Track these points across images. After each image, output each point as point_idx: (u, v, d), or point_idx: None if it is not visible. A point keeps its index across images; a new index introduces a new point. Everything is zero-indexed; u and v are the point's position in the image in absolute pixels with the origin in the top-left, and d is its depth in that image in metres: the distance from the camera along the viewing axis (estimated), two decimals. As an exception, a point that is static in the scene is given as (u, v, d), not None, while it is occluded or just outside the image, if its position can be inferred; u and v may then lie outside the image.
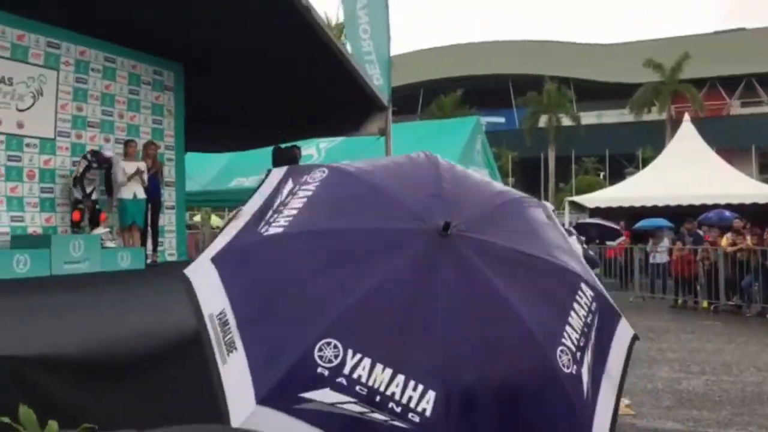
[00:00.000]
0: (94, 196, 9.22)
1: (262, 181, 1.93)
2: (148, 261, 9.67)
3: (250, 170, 13.50)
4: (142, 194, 9.56)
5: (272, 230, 1.64)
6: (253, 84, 10.49)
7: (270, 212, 1.71)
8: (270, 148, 11.93)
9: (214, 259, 1.66)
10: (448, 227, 1.59)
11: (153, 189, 9.88)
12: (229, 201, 15.54)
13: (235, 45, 9.61)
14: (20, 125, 8.79)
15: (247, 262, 1.64)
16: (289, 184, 1.79)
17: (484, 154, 14.17)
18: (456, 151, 12.53)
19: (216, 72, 10.52)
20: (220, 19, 9.09)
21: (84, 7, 8.97)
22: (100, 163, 9.26)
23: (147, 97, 10.68)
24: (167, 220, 10.85)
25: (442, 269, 1.55)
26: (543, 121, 45.00)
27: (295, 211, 1.66)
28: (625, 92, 44.91)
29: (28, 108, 8.87)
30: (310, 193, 1.72)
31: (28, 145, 8.90)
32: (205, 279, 1.64)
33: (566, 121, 44.79)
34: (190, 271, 1.69)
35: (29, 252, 7.92)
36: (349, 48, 11.07)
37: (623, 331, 1.79)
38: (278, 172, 1.92)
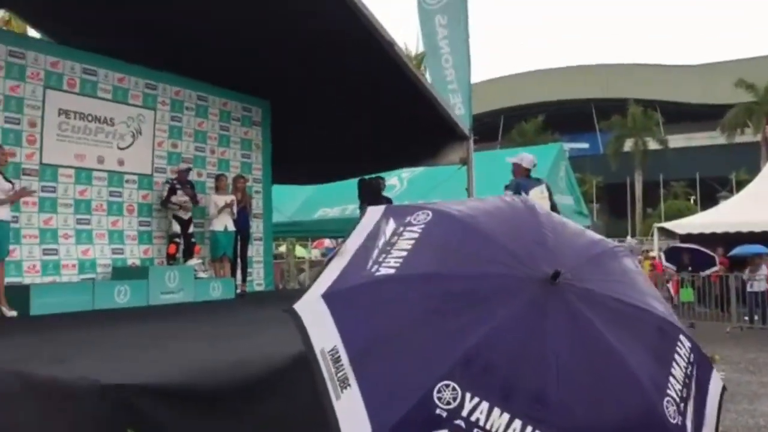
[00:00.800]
0: (190, 230, 9.60)
1: (359, 218, 1.99)
2: (238, 291, 9.99)
3: (333, 201, 13.76)
4: (231, 226, 9.91)
5: (383, 271, 1.67)
6: (337, 117, 10.74)
7: (377, 251, 1.75)
8: (352, 179, 12.14)
9: (325, 296, 1.70)
10: (557, 276, 1.61)
11: (242, 221, 10.22)
12: (313, 231, 15.89)
13: (319, 80, 9.90)
14: (121, 162, 9.32)
15: (358, 300, 1.67)
16: (392, 224, 1.83)
17: (567, 181, 13.94)
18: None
19: (301, 107, 10.85)
20: (306, 56, 9.40)
21: (178, 50, 9.47)
22: (183, 183, 9.63)
23: (236, 132, 11.11)
24: (255, 251, 11.18)
25: (552, 317, 1.57)
26: (628, 145, 43.85)
27: (404, 253, 1.69)
28: (714, 114, 43.29)
29: (128, 146, 9.40)
30: (416, 235, 1.75)
31: (127, 181, 9.41)
32: (315, 315, 1.68)
33: (653, 145, 43.50)
34: (299, 307, 1.74)
35: (129, 283, 8.34)
36: (429, 77, 11.20)
37: (716, 383, 1.81)
38: (376, 211, 1.96)
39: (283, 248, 21.81)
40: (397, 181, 13.23)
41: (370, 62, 9.14)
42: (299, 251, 22.06)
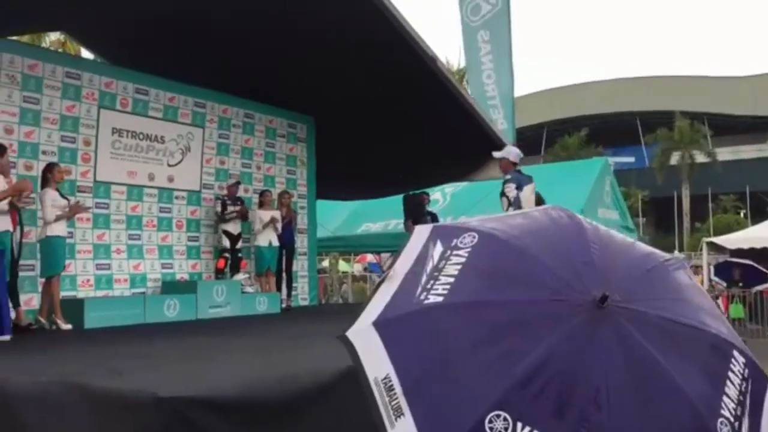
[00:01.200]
0: (238, 245, 9.78)
1: (407, 237, 1.98)
2: (283, 305, 10.11)
3: (376, 216, 13.83)
4: (276, 241, 10.05)
5: (432, 299, 1.69)
6: (381, 133, 10.83)
7: (425, 277, 1.76)
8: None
9: (376, 324, 1.72)
10: (605, 299, 1.60)
11: (287, 236, 10.36)
12: (357, 246, 15.96)
13: (363, 96, 10.02)
14: (170, 179, 9.56)
15: (408, 329, 1.69)
16: (439, 247, 1.84)
17: (613, 195, 13.77)
18: (584, 193, 12.27)
19: (345, 123, 10.97)
20: (349, 72, 9.53)
21: (225, 69, 9.70)
22: (233, 199, 9.81)
23: (282, 149, 11.30)
24: (299, 265, 11.31)
25: (601, 341, 1.57)
26: (675, 158, 43.01)
27: (451, 279, 1.71)
28: (763, 126, 42.24)
29: (177, 163, 9.64)
30: (463, 259, 1.76)
31: (177, 197, 9.64)
32: (367, 343, 1.70)
33: (700, 158, 42.59)
34: (352, 335, 1.76)
35: (178, 297, 8.53)
36: (470, 92, 11.25)
37: None
38: (424, 231, 1.96)
39: (326, 263, 21.98)
40: (440, 196, 13.24)
41: (413, 78, 9.22)
42: (342, 266, 22.18)
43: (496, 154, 8.31)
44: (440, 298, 1.68)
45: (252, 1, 8.37)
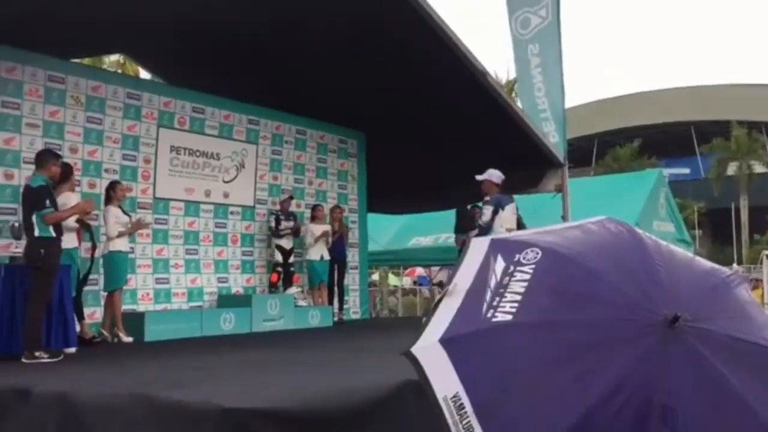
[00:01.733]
0: (291, 259, 9.93)
1: (464, 251, 1.97)
2: (335, 319, 10.20)
3: (426, 230, 13.86)
4: (327, 255, 10.17)
5: (499, 317, 1.68)
6: (431, 147, 10.86)
7: (489, 293, 1.75)
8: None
9: (443, 342, 1.71)
10: (676, 319, 1.58)
11: (339, 250, 10.48)
12: (407, 260, 16.01)
13: (413, 111, 10.08)
14: (225, 195, 9.78)
15: (476, 347, 1.69)
16: (501, 262, 1.82)
17: (668, 207, 13.52)
18: (637, 206, 12.09)
19: (395, 137, 11.04)
20: (399, 88, 9.61)
21: (278, 86, 9.91)
22: (286, 214, 9.96)
23: (333, 164, 11.45)
24: (351, 279, 11.40)
25: (673, 363, 1.56)
26: (732, 168, 41.87)
27: (518, 297, 1.70)
28: (827, 134, 40.79)
29: (232, 179, 9.86)
30: (528, 276, 1.74)
31: (231, 212, 9.86)
32: (435, 360, 1.69)
33: (759, 168, 41.37)
34: (418, 352, 1.74)
35: (234, 310, 8.71)
36: (520, 105, 11.20)
37: None
38: (481, 244, 1.94)
39: (375, 276, 22.05)
40: (491, 210, 13.17)
41: (463, 92, 9.25)
42: (392, 279, 22.23)
43: (479, 177, 8.39)
44: (509, 317, 1.67)
45: (304, 22, 8.53)
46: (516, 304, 1.69)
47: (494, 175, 8.10)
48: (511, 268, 1.79)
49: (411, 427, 3.76)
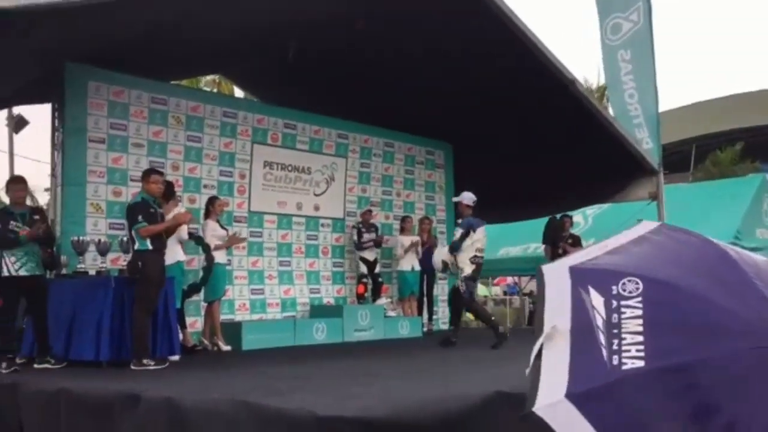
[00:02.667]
0: (377, 270, 10.08)
1: (541, 284, 1.84)
2: (425, 329, 10.26)
3: (515, 240, 13.72)
4: (418, 266, 10.26)
5: (629, 363, 1.56)
6: (520, 157, 10.79)
7: (602, 335, 1.64)
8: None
9: (572, 397, 1.56)
10: None
11: (428, 261, 10.53)
12: (497, 270, 15.88)
13: (501, 121, 10.06)
14: (316, 208, 10.05)
15: (615, 401, 1.56)
16: (597, 296, 1.70)
17: (773, 215, 12.84)
18: (738, 213, 11.55)
19: (483, 148, 11.04)
20: (486, 98, 9.61)
21: (366, 101, 10.11)
22: (368, 226, 10.11)
23: (420, 175, 11.56)
24: (440, 290, 11.43)
25: None
26: None
27: (639, 338, 1.59)
28: None
29: (322, 192, 10.13)
30: (639, 312, 1.63)
31: (322, 225, 10.11)
32: (565, 420, 1.56)
33: None
34: (544, 412, 1.59)
35: (325, 320, 8.92)
36: (611, 111, 10.97)
37: None
38: (558, 275, 1.80)
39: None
40: (581, 219, 12.93)
41: (551, 101, 9.16)
42: (481, 290, 22.07)
43: (455, 199, 8.73)
44: (640, 362, 1.55)
45: (390, 36, 8.67)
46: (641, 347, 1.57)
47: (466, 197, 8.29)
48: (614, 303, 1.67)
49: (502, 438, 3.79)
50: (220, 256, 8.03)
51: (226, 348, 7.85)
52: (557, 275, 1.80)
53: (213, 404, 3.88)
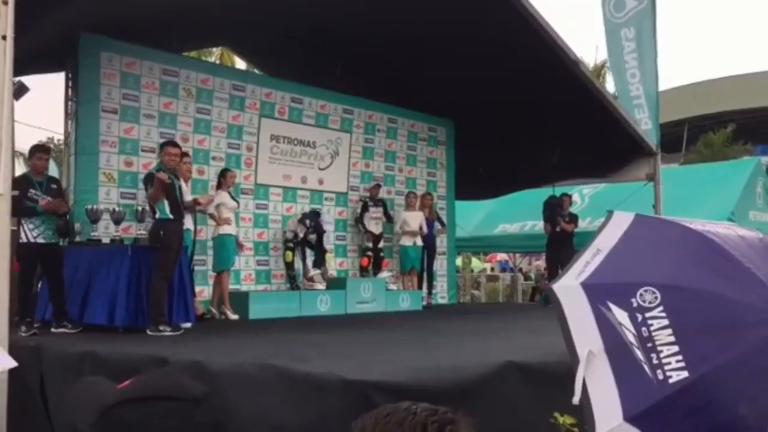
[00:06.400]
0: (380, 244, 10.27)
1: (559, 306, 1.84)
2: (424, 303, 10.49)
3: (513, 217, 13.96)
4: (420, 242, 10.46)
5: (675, 376, 1.62)
6: (519, 134, 10.95)
7: (638, 351, 1.68)
8: (531, 195, 12.35)
9: (633, 420, 1.62)
10: None
11: (429, 237, 10.73)
12: (493, 247, 16.14)
13: (502, 99, 10.18)
14: (321, 182, 10.20)
15: (670, 416, 1.62)
16: (619, 311, 1.73)
17: (766, 198, 13.08)
18: (733, 196, 11.79)
19: (484, 125, 11.16)
20: (488, 77, 9.73)
21: (371, 76, 10.20)
22: (375, 201, 10.29)
23: (422, 152, 11.70)
24: (439, 265, 11.64)
25: None
26: (835, 155, 39.65)
27: (675, 347, 1.65)
28: None
29: (327, 167, 10.26)
30: (666, 321, 1.68)
31: (326, 198, 10.26)
32: None
33: None
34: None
35: (329, 293, 9.10)
36: (612, 90, 11.13)
37: None
38: (571, 294, 1.82)
39: (459, 262, 22.18)
40: (578, 198, 13.14)
41: (553, 80, 9.27)
42: (475, 263, 22.35)
43: None
44: (684, 373, 1.61)
45: (395, 15, 8.73)
46: (680, 357, 1.63)
47: None
48: (639, 316, 1.71)
49: (517, 405, 4.00)
50: (230, 228, 8.17)
51: (234, 317, 8.03)
52: (571, 295, 1.81)
53: (241, 368, 4.05)
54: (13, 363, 3.23)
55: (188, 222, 7.38)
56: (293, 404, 3.73)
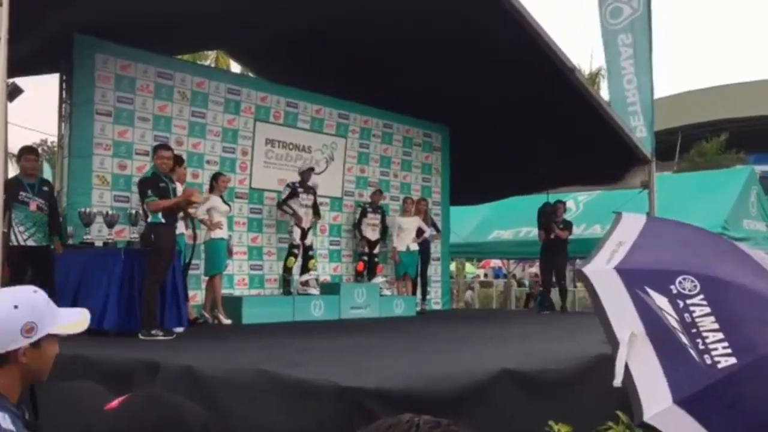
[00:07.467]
0: (376, 250, 10.24)
1: (594, 292, 1.84)
2: (418, 309, 10.46)
3: (507, 223, 13.97)
4: (414, 247, 10.43)
5: (723, 362, 1.64)
6: (514, 141, 10.95)
7: (683, 336, 1.69)
8: (526, 202, 12.35)
9: (682, 403, 1.62)
10: None
11: (423, 242, 10.71)
12: (487, 253, 16.13)
13: (498, 106, 10.18)
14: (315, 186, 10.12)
15: (721, 400, 1.63)
16: (659, 297, 1.74)
17: (759, 206, 13.13)
18: (727, 205, 11.83)
19: (480, 132, 11.15)
20: (484, 83, 9.72)
21: (367, 82, 10.18)
22: (375, 207, 10.24)
23: (417, 157, 11.69)
24: (433, 270, 11.62)
25: None
26: (827, 164, 39.82)
27: (719, 334, 1.66)
28: None
29: (321, 171, 10.22)
30: (708, 309, 1.70)
31: (321, 203, 10.17)
32: (681, 425, 1.61)
33: None
34: (656, 419, 1.64)
35: (323, 298, 9.06)
36: (607, 97, 11.15)
37: None
38: (606, 278, 1.81)
39: (452, 267, 22.15)
40: (573, 205, 13.15)
41: (549, 87, 9.27)
42: (469, 268, 22.35)
43: None
44: (732, 359, 1.63)
45: (391, 19, 8.70)
46: (726, 343, 1.64)
47: None
48: (680, 303, 1.72)
49: (511, 413, 3.98)
50: (222, 231, 8.13)
51: (227, 321, 7.98)
52: (605, 278, 1.81)
53: (234, 373, 4.02)
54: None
55: (181, 226, 7.33)
56: (287, 411, 3.69)
